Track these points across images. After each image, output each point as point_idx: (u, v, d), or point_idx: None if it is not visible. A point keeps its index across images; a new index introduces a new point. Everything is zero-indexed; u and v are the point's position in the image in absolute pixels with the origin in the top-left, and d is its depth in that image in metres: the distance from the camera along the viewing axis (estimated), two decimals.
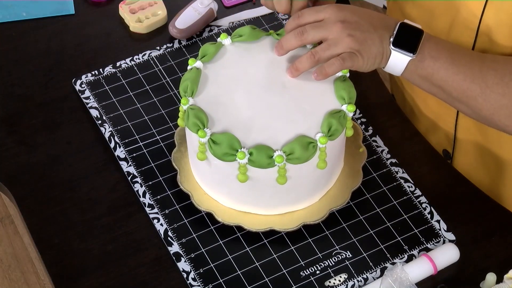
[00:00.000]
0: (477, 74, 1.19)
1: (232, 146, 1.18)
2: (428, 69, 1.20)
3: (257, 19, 1.54)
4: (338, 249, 1.27)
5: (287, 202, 1.27)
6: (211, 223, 1.29)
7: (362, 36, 1.18)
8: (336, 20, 1.18)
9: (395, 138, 1.37)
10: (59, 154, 1.38)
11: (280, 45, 1.24)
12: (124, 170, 1.34)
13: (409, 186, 1.33)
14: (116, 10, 1.55)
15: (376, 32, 1.19)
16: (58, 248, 1.28)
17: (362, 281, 1.24)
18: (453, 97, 1.21)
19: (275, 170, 1.20)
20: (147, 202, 1.31)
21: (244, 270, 1.25)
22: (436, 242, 1.27)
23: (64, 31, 1.54)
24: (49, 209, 1.32)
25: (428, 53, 1.19)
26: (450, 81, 1.20)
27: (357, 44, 1.18)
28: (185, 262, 1.25)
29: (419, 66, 1.19)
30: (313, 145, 1.19)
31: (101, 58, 1.49)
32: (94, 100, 1.42)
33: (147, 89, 1.44)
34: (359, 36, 1.18)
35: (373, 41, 1.18)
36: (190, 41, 1.51)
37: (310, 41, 1.20)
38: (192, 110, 1.21)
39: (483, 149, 1.41)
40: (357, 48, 1.18)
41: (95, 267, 1.26)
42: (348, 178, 1.31)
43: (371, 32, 1.18)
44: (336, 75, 1.25)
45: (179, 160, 1.32)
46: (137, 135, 1.38)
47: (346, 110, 1.22)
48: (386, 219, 1.29)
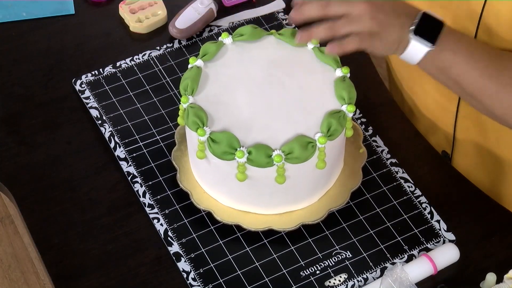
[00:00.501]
0: (494, 72, 1.19)
1: (231, 145, 1.18)
2: (446, 61, 1.19)
3: (257, 19, 1.54)
4: (338, 249, 1.27)
5: (286, 201, 1.27)
6: (211, 223, 1.29)
7: (385, 20, 1.17)
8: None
9: (395, 138, 1.37)
10: (59, 154, 1.38)
11: (300, 11, 1.21)
12: (124, 170, 1.34)
13: (409, 186, 1.33)
14: (116, 10, 1.55)
15: (399, 19, 1.18)
16: (58, 248, 1.28)
17: (362, 281, 1.24)
18: (467, 92, 1.21)
19: (274, 170, 1.20)
20: (147, 202, 1.31)
21: (244, 270, 1.25)
22: (436, 242, 1.27)
23: (64, 31, 1.54)
24: (49, 209, 1.32)
25: (447, 45, 1.19)
26: (466, 76, 1.19)
27: (378, 26, 1.17)
28: (185, 262, 1.25)
29: (437, 58, 1.19)
30: (312, 145, 1.19)
31: (101, 58, 1.49)
32: (94, 100, 1.42)
33: (147, 89, 1.44)
34: (382, 19, 1.17)
35: (394, 26, 1.18)
36: (190, 41, 1.51)
37: (333, 13, 1.19)
38: (192, 109, 1.21)
39: (482, 149, 1.40)
40: (377, 30, 1.17)
41: (95, 267, 1.26)
42: (347, 179, 1.31)
43: (394, 18, 1.18)
44: (336, 75, 1.25)
45: (179, 158, 1.32)
46: (137, 135, 1.38)
47: (346, 110, 1.22)
48: (386, 219, 1.29)
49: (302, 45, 1.28)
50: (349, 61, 1.31)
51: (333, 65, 1.26)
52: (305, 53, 1.28)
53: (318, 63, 1.27)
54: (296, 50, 1.28)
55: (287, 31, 1.29)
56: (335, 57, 1.26)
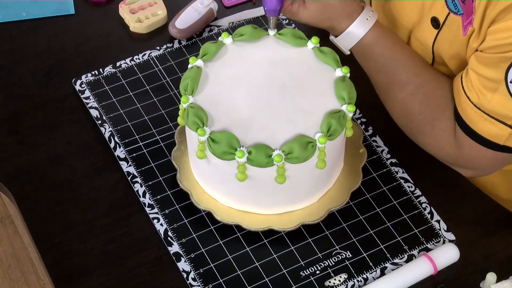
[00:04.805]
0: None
1: (231, 145, 1.18)
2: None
3: (257, 19, 1.54)
4: (338, 249, 1.27)
5: (286, 201, 1.27)
6: (211, 223, 1.28)
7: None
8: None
9: (395, 138, 1.37)
10: (59, 154, 1.38)
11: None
12: (124, 170, 1.34)
13: (409, 186, 1.33)
14: (116, 10, 1.55)
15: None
16: (58, 248, 1.28)
17: (362, 281, 1.24)
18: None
19: (274, 170, 1.20)
20: (147, 202, 1.31)
21: (244, 270, 1.25)
22: (436, 242, 1.27)
23: (64, 31, 1.54)
24: (49, 209, 1.32)
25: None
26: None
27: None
28: (185, 262, 1.25)
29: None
30: (312, 145, 1.19)
31: (101, 58, 1.49)
32: (94, 100, 1.42)
33: (147, 89, 1.44)
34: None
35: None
36: (190, 41, 1.51)
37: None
38: (192, 109, 1.21)
39: None
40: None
41: (95, 267, 1.26)
42: (347, 179, 1.31)
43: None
44: (336, 75, 1.25)
45: (179, 158, 1.32)
46: (137, 135, 1.38)
47: (346, 110, 1.22)
48: (386, 219, 1.29)
49: (302, 45, 1.28)
50: (349, 61, 1.32)
51: (333, 65, 1.26)
52: (305, 53, 1.28)
53: (318, 63, 1.27)
54: (296, 50, 1.28)
55: (287, 31, 1.29)
56: (335, 57, 1.26)
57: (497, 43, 1.17)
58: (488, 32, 1.18)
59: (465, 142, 1.26)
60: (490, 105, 1.20)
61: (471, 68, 1.22)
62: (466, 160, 1.28)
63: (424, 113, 1.28)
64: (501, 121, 1.21)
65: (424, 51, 1.33)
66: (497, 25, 1.16)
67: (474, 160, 1.27)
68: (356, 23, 1.29)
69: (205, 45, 1.28)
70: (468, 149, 1.26)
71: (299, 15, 1.30)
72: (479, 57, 1.21)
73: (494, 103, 1.20)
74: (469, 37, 1.22)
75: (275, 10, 1.29)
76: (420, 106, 1.28)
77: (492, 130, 1.22)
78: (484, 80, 1.20)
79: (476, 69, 1.21)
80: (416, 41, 1.33)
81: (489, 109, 1.21)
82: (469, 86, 1.23)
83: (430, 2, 1.27)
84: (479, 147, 1.25)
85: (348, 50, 1.33)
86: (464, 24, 1.22)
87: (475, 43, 1.21)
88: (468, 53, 1.25)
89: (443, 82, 1.30)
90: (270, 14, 1.29)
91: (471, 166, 1.29)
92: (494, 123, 1.21)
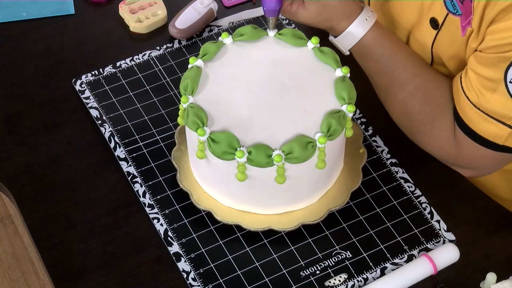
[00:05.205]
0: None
1: (231, 145, 1.18)
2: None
3: (257, 19, 1.54)
4: (338, 249, 1.27)
5: (286, 201, 1.27)
6: (211, 223, 1.28)
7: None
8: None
9: (395, 138, 1.37)
10: (59, 154, 1.37)
11: None
12: (124, 170, 1.34)
13: (409, 186, 1.33)
14: (116, 10, 1.55)
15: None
16: (58, 248, 1.28)
17: (362, 281, 1.24)
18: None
19: (274, 170, 1.20)
20: (147, 202, 1.31)
21: (244, 270, 1.25)
22: (436, 242, 1.27)
23: (64, 31, 1.54)
24: (49, 209, 1.32)
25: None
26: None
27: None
28: (185, 262, 1.25)
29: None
30: (312, 145, 1.19)
31: (101, 58, 1.49)
32: (94, 100, 1.42)
33: (147, 89, 1.44)
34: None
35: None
36: (190, 41, 1.51)
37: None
38: (192, 109, 1.21)
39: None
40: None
41: (95, 267, 1.26)
42: (347, 179, 1.31)
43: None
44: (336, 75, 1.25)
45: (179, 158, 1.32)
46: (137, 135, 1.38)
47: (346, 110, 1.22)
48: (386, 219, 1.29)
49: (302, 45, 1.28)
50: (349, 61, 1.32)
51: (333, 65, 1.26)
52: (305, 53, 1.28)
53: (318, 63, 1.27)
54: (296, 50, 1.28)
55: (287, 31, 1.29)
56: (335, 57, 1.26)
57: (496, 43, 1.17)
58: (487, 32, 1.18)
59: (464, 142, 1.26)
60: (490, 105, 1.21)
61: (470, 68, 1.22)
62: (466, 160, 1.28)
63: (424, 113, 1.28)
64: (501, 121, 1.21)
65: (423, 52, 1.33)
66: (496, 25, 1.16)
67: (474, 160, 1.27)
68: (356, 23, 1.29)
69: (205, 45, 1.28)
70: (467, 149, 1.26)
71: (298, 16, 1.30)
72: (478, 57, 1.21)
73: (494, 103, 1.20)
74: (468, 37, 1.22)
75: (274, 11, 1.29)
76: (420, 106, 1.29)
77: (492, 130, 1.22)
78: (483, 80, 1.20)
79: (475, 69, 1.21)
80: (415, 42, 1.33)
81: (488, 109, 1.21)
82: (468, 86, 1.23)
83: (428, 2, 1.27)
84: (479, 147, 1.25)
85: (347, 51, 1.33)
86: (463, 25, 1.22)
87: (474, 43, 1.21)
88: (467, 53, 1.25)
89: (443, 82, 1.30)
90: (269, 14, 1.29)
91: (471, 166, 1.29)
92: (493, 123, 1.22)
